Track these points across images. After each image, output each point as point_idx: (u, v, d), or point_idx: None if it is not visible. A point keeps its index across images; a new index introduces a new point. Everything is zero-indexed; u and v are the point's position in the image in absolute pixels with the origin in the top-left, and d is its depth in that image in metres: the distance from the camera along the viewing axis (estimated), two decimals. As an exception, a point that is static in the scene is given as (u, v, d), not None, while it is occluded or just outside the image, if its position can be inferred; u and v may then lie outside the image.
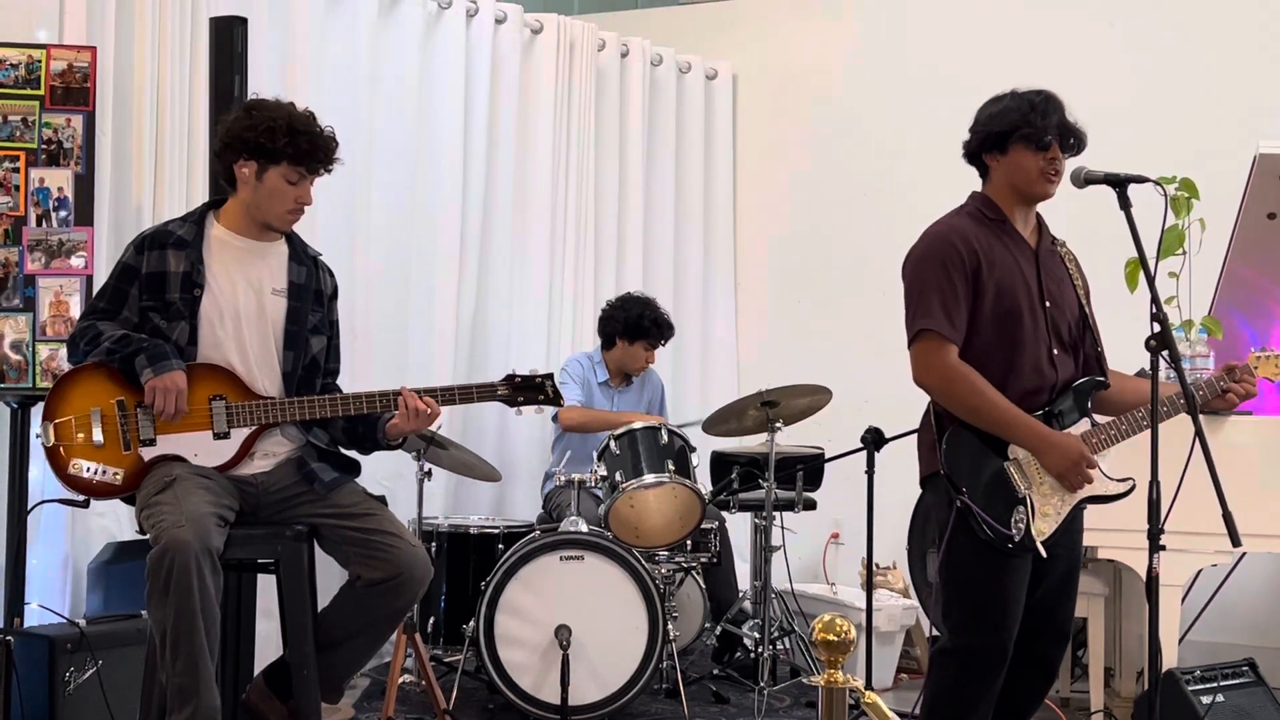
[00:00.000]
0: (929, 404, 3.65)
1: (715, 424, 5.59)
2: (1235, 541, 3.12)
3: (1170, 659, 4.51)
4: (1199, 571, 4.80)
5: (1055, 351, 3.58)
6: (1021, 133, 3.54)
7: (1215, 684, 4.42)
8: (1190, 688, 4.35)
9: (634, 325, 6.06)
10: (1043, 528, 3.49)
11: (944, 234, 3.59)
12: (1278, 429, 4.77)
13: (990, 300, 3.53)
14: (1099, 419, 3.62)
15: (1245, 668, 4.56)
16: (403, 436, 3.84)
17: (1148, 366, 3.31)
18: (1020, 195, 3.62)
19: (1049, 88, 3.63)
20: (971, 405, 3.49)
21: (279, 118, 3.67)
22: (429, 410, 3.73)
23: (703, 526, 5.45)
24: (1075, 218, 4.09)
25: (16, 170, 4.53)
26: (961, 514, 3.47)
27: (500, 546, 5.39)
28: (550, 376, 3.88)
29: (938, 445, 3.54)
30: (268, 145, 3.65)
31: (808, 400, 5.49)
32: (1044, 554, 3.47)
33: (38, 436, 3.66)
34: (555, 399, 3.88)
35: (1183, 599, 4.77)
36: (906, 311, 3.60)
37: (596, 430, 5.85)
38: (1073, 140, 3.58)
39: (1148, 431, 3.28)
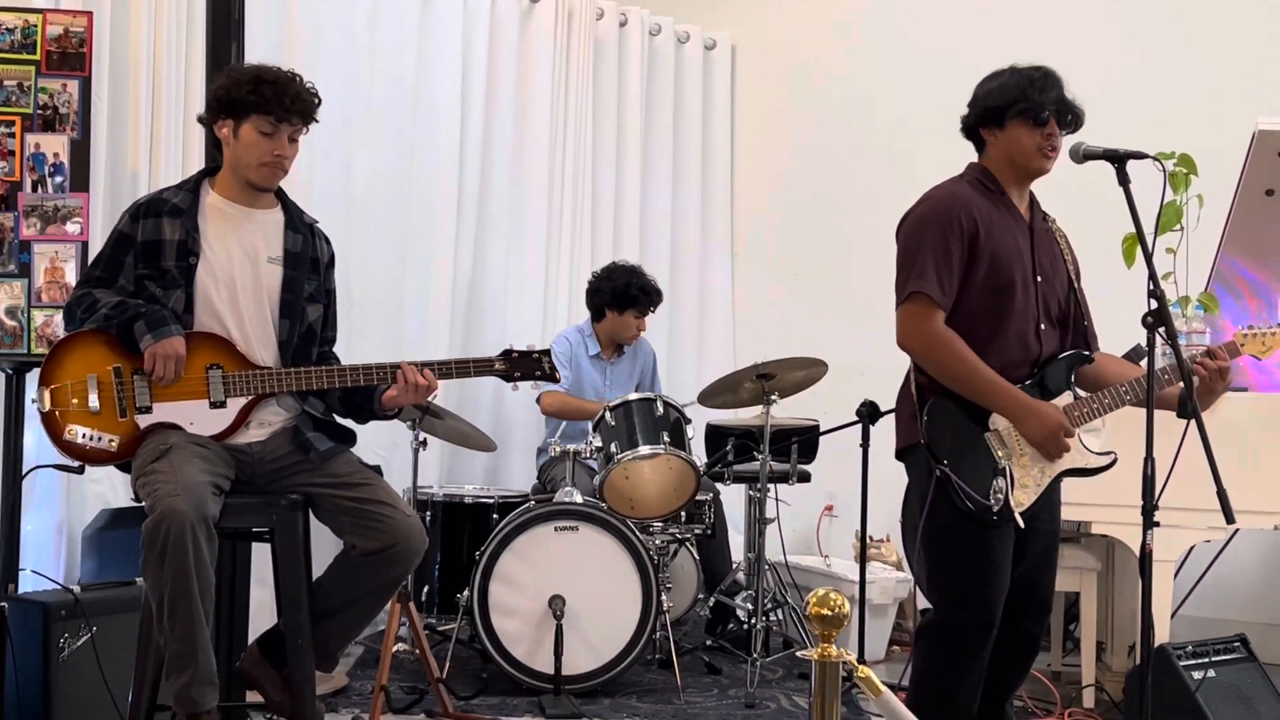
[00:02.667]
0: (908, 374, 3.65)
1: (710, 396, 5.59)
2: (1229, 518, 3.13)
3: (1162, 634, 4.52)
4: (1192, 547, 4.81)
5: (1043, 326, 3.59)
6: (1019, 108, 3.54)
7: (1207, 659, 4.43)
8: (1182, 663, 4.36)
9: (622, 294, 6.06)
10: (1021, 499, 3.50)
11: (945, 199, 3.59)
12: (1272, 406, 4.78)
13: (984, 269, 3.53)
14: (1082, 394, 3.62)
15: (1237, 643, 4.57)
16: (398, 407, 3.84)
17: (1144, 342, 3.31)
18: (1017, 170, 3.62)
19: (1048, 63, 3.63)
20: (953, 372, 3.50)
21: (246, 72, 3.70)
22: (427, 384, 3.74)
23: (697, 498, 5.46)
24: (1073, 193, 4.09)
25: (12, 135, 4.52)
26: (941, 485, 3.48)
27: (495, 516, 5.41)
28: (547, 353, 3.87)
29: (918, 415, 3.54)
30: (236, 99, 3.66)
31: (803, 373, 5.49)
32: (1022, 524, 3.48)
33: (33, 402, 3.66)
34: (551, 375, 3.87)
35: (1175, 574, 4.78)
36: (899, 272, 3.60)
37: (574, 419, 5.84)
38: (1070, 117, 3.59)
39: (1143, 408, 3.29)
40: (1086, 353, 3.67)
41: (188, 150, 5.13)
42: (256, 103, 3.65)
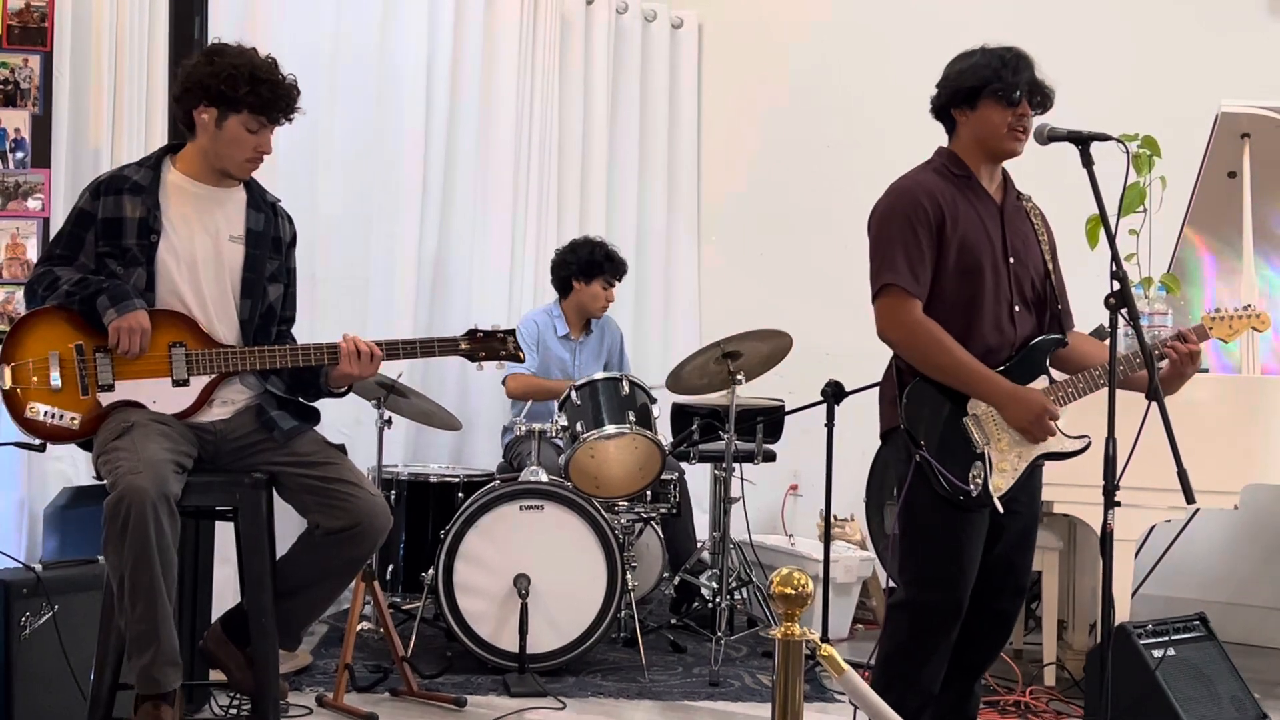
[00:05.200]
0: (891, 359, 3.66)
1: (679, 380, 5.56)
2: (1189, 498, 3.15)
3: (1123, 613, 4.56)
4: (1152, 527, 4.85)
5: (1017, 308, 3.60)
6: (992, 88, 3.54)
7: (1167, 638, 4.47)
8: (1142, 641, 4.40)
9: (588, 264, 6.08)
10: (1000, 483, 3.51)
11: (909, 189, 3.59)
12: (1232, 386, 4.82)
13: (953, 256, 3.53)
14: (1056, 376, 3.64)
15: (1196, 622, 4.62)
16: (348, 383, 3.82)
17: (1106, 323, 3.33)
18: (987, 151, 3.62)
19: (1015, 44, 3.63)
20: (935, 361, 3.51)
21: (241, 65, 3.63)
22: (369, 352, 3.71)
23: (662, 477, 5.47)
24: (1038, 174, 4.09)
25: (-28, 111, 4.48)
26: (920, 469, 3.49)
27: (460, 495, 5.41)
28: (512, 333, 3.87)
29: (898, 400, 3.55)
30: (229, 93, 3.61)
31: (769, 347, 5.46)
32: (1000, 509, 3.50)
33: (-7, 380, 3.63)
34: (516, 355, 3.87)
35: (1136, 554, 4.82)
36: (871, 266, 3.60)
37: (541, 399, 5.83)
38: (1040, 98, 3.59)
39: (1105, 389, 3.31)
40: (1061, 336, 3.68)
41: (150, 126, 5.08)
42: (253, 103, 3.62)
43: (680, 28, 7.68)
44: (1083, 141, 3.42)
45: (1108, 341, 3.33)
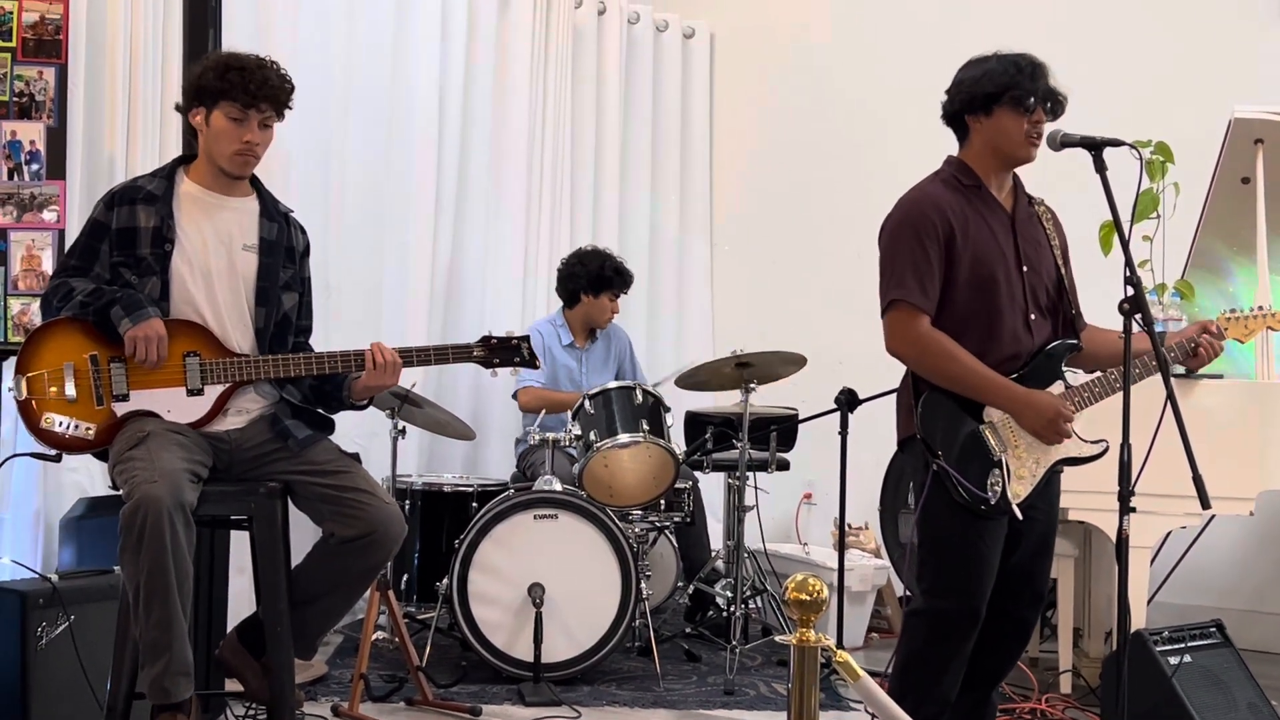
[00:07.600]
0: (908, 368, 3.66)
1: (688, 378, 5.57)
2: (1205, 504, 3.15)
3: (1139, 620, 4.54)
4: (1168, 533, 4.83)
5: (1033, 317, 3.59)
6: (1011, 95, 3.53)
7: (1183, 645, 4.45)
8: (1158, 649, 4.38)
9: (597, 277, 6.09)
10: (1018, 490, 3.50)
11: (917, 202, 3.59)
12: (1247, 392, 4.81)
13: (965, 269, 3.53)
14: (1076, 379, 3.63)
15: (1213, 629, 4.59)
16: (369, 396, 3.83)
17: (1121, 329, 3.33)
18: (1001, 158, 3.61)
19: (1026, 50, 3.63)
20: (945, 372, 3.51)
21: (215, 60, 3.70)
22: (393, 361, 3.71)
23: (676, 486, 5.46)
24: (1051, 180, 4.09)
25: (-12, 123, 4.50)
26: (938, 477, 3.48)
27: (474, 505, 5.41)
28: (526, 339, 3.87)
29: (914, 409, 3.55)
30: (206, 88, 3.66)
31: (781, 365, 5.47)
32: (1019, 516, 3.49)
33: (9, 390, 3.64)
34: (530, 361, 3.87)
35: (1152, 560, 4.81)
36: (880, 281, 3.61)
37: (554, 411, 5.84)
38: (1054, 105, 3.59)
39: (1120, 393, 3.31)
40: (1074, 341, 3.67)
41: (165, 138, 5.10)
42: (224, 89, 3.64)
43: (692, 37, 7.70)
44: (1096, 147, 3.41)
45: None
